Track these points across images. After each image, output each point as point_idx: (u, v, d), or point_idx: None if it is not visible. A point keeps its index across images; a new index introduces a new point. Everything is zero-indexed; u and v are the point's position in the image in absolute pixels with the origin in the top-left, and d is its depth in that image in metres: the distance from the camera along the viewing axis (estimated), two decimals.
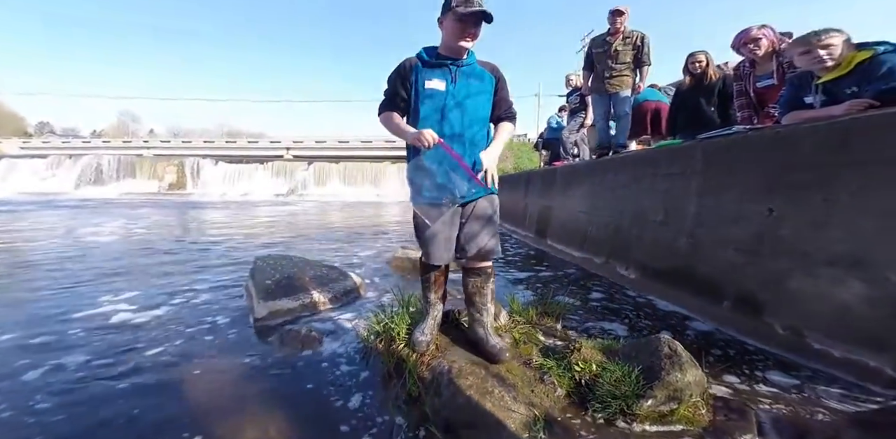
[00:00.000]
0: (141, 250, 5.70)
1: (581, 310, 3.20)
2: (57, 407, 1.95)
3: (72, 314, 3.16)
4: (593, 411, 1.87)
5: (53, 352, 2.50)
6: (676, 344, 1.96)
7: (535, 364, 2.13)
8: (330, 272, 3.96)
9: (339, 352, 2.54)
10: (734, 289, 2.84)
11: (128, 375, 2.25)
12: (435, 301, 2.30)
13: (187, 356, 2.49)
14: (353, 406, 2.02)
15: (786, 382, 2.16)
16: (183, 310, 3.29)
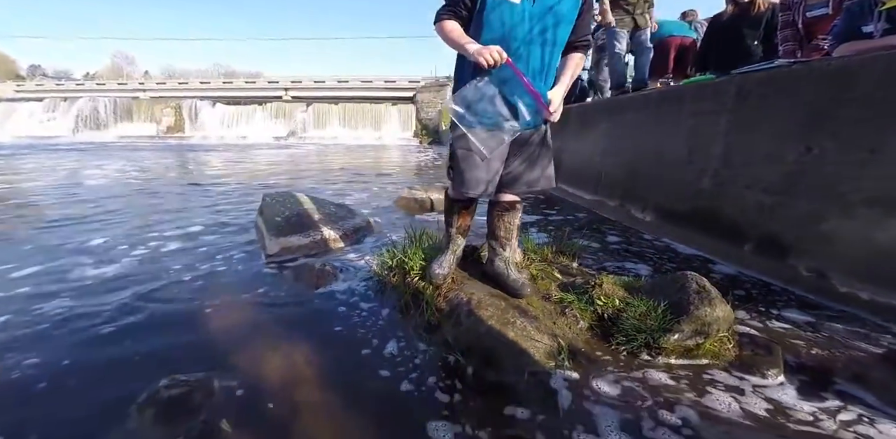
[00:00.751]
0: (145, 191, 5.57)
1: (597, 252, 3.15)
2: (76, 340, 1.92)
3: (83, 251, 3.10)
4: (617, 344, 1.85)
5: (69, 289, 2.46)
6: (704, 281, 1.90)
7: (556, 298, 2.09)
8: (339, 210, 3.87)
9: (355, 286, 2.51)
10: (758, 231, 2.76)
11: (144, 310, 2.21)
12: (457, 235, 2.20)
13: (203, 291, 2.45)
14: (374, 334, 2.00)
15: (810, 322, 2.13)
16: (194, 248, 3.24)
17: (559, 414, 1.48)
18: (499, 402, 1.54)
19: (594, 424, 1.43)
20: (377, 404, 1.54)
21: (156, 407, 1.45)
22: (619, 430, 1.40)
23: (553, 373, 1.68)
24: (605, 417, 1.46)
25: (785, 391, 1.63)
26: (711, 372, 1.72)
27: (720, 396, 1.58)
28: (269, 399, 1.54)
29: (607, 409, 1.50)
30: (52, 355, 1.78)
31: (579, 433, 1.38)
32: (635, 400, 1.55)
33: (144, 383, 1.58)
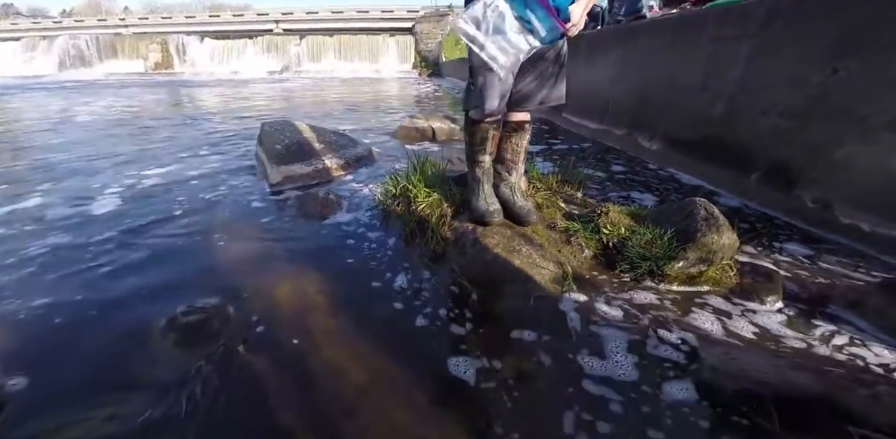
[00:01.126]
0: (138, 126, 5.24)
1: (602, 181, 3.06)
2: (86, 275, 1.87)
3: (81, 186, 2.98)
4: (621, 271, 1.82)
5: (71, 225, 2.37)
6: (713, 207, 1.82)
7: (561, 227, 2.03)
8: (339, 139, 3.70)
9: (359, 215, 2.44)
10: (767, 159, 2.63)
11: (151, 242, 2.15)
12: (488, 163, 1.99)
13: (209, 222, 2.38)
14: (381, 263, 1.97)
15: (810, 254, 2.09)
16: (195, 178, 3.12)
17: (565, 337, 1.48)
18: (505, 327, 1.53)
19: (600, 346, 1.42)
20: (387, 330, 1.53)
21: (177, 333, 1.45)
22: (623, 352, 1.40)
23: (559, 299, 1.66)
24: (609, 340, 1.46)
25: (783, 316, 1.63)
26: (712, 299, 1.71)
27: (720, 321, 1.58)
28: (283, 326, 1.53)
29: (612, 332, 1.49)
30: (64, 291, 1.74)
31: (585, 355, 1.38)
32: (638, 324, 1.54)
33: (162, 311, 1.57)
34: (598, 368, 1.33)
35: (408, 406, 1.21)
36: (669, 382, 1.28)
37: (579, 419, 1.16)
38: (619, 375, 1.30)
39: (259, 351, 1.40)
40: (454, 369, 1.34)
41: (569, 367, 1.34)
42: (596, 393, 1.24)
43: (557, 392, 1.26)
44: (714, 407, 1.19)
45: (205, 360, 1.33)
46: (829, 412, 1.15)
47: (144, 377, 1.29)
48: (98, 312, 1.61)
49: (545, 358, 1.37)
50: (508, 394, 1.24)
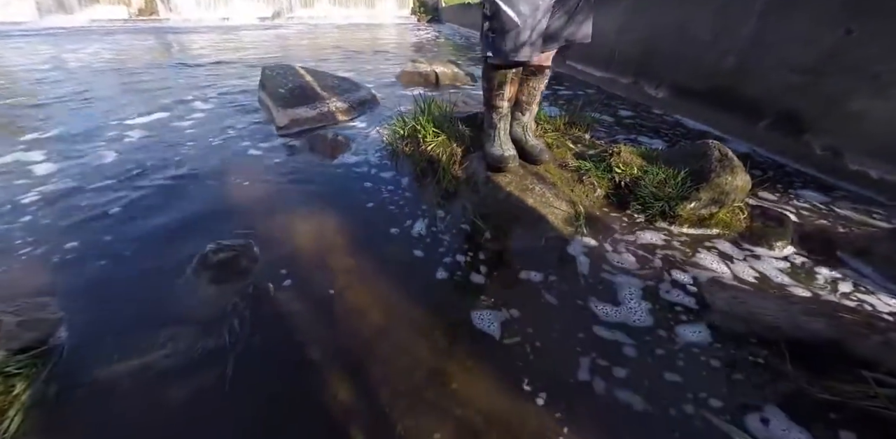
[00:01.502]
0: (131, 73, 4.78)
1: (608, 125, 2.96)
2: (108, 220, 1.80)
3: (87, 134, 2.78)
4: (632, 211, 1.79)
5: (81, 173, 2.23)
6: (727, 149, 1.77)
7: (572, 166, 1.98)
8: (342, 82, 3.52)
9: (369, 156, 2.36)
10: (776, 109, 2.54)
11: (167, 186, 2.07)
12: (506, 109, 1.87)
13: (222, 164, 2.28)
14: (394, 201, 1.93)
15: (819, 199, 2.07)
16: (202, 123, 2.95)
17: (578, 279, 1.47)
18: (518, 268, 1.52)
19: (612, 290, 1.42)
20: (403, 269, 1.52)
21: (210, 271, 1.44)
22: (635, 296, 1.40)
23: (572, 239, 1.64)
24: (621, 283, 1.45)
25: (792, 261, 1.63)
26: (722, 242, 1.69)
27: (729, 264, 1.57)
28: (306, 265, 1.52)
29: (624, 275, 1.49)
30: (91, 234, 1.69)
31: (597, 298, 1.38)
32: (650, 267, 1.53)
33: (190, 250, 1.54)
34: (611, 313, 1.32)
35: (425, 343, 1.22)
36: (682, 325, 1.29)
37: (592, 362, 1.17)
38: (633, 321, 1.30)
39: (286, 289, 1.40)
40: (469, 309, 1.34)
41: (581, 310, 1.34)
42: (609, 337, 1.24)
43: (570, 334, 1.26)
44: (726, 349, 1.21)
45: (238, 298, 1.34)
46: (841, 355, 1.14)
47: (187, 314, 1.29)
48: (130, 253, 1.58)
49: (558, 301, 1.37)
50: (523, 335, 1.25)
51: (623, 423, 1.01)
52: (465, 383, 1.10)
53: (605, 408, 1.05)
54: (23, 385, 1.02)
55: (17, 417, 0.96)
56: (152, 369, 1.11)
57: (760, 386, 1.10)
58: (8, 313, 1.19)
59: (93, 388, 1.06)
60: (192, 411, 1.02)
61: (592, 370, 1.15)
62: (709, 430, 0.99)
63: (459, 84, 4.05)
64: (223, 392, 1.06)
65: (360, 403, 1.04)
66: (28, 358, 1.08)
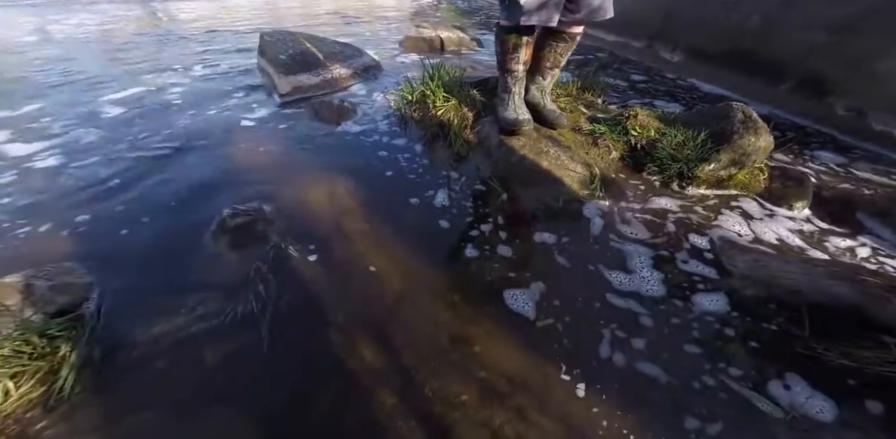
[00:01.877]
0: (121, 43, 4.40)
1: (622, 89, 2.86)
2: (115, 190, 1.75)
3: (84, 104, 2.65)
4: (648, 173, 1.75)
5: (91, 141, 2.15)
6: (751, 110, 1.70)
7: (586, 129, 1.91)
8: (344, 48, 3.39)
9: (377, 122, 2.29)
10: (800, 70, 2.44)
11: (173, 153, 2.01)
12: (521, 73, 1.78)
13: (226, 132, 2.21)
14: (406, 166, 1.88)
15: (838, 160, 2.02)
16: (201, 92, 2.82)
17: (594, 243, 1.44)
18: (535, 231, 1.49)
19: (628, 254, 1.40)
20: (419, 233, 1.50)
21: (228, 235, 1.43)
22: (651, 259, 1.38)
23: (588, 202, 1.61)
24: (638, 247, 1.43)
25: (810, 223, 1.59)
26: (740, 203, 1.66)
27: (748, 226, 1.54)
28: (323, 229, 1.50)
29: (641, 239, 1.46)
30: (106, 203, 1.65)
31: (612, 263, 1.37)
32: (667, 230, 1.51)
33: (207, 216, 1.53)
34: (625, 280, 1.30)
35: (445, 306, 1.22)
36: (700, 292, 1.27)
37: (611, 330, 1.16)
38: (647, 290, 1.28)
39: (305, 253, 1.39)
40: (487, 272, 1.33)
41: (596, 276, 1.32)
42: (623, 305, 1.23)
43: (590, 299, 1.25)
44: (744, 315, 1.19)
45: (260, 262, 1.33)
46: (862, 320, 1.12)
47: (212, 278, 1.29)
48: (148, 220, 1.56)
49: (575, 266, 1.35)
50: (542, 300, 1.24)
51: (645, 391, 1.01)
52: (488, 346, 1.10)
53: (626, 376, 1.04)
54: (67, 347, 1.03)
55: (70, 377, 0.98)
56: (187, 332, 1.12)
57: (781, 352, 1.09)
58: (38, 278, 1.19)
59: (134, 350, 1.08)
60: (229, 372, 1.03)
61: (612, 337, 1.14)
62: (731, 398, 0.99)
63: (465, 49, 3.90)
64: (258, 354, 1.07)
65: (388, 366, 1.05)
66: (67, 322, 1.09)
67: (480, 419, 0.93)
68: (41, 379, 0.98)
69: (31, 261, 1.30)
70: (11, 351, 0.99)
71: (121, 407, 0.96)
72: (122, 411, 0.95)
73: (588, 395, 0.99)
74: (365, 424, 0.93)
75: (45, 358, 1.01)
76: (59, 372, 0.99)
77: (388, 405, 0.96)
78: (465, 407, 0.96)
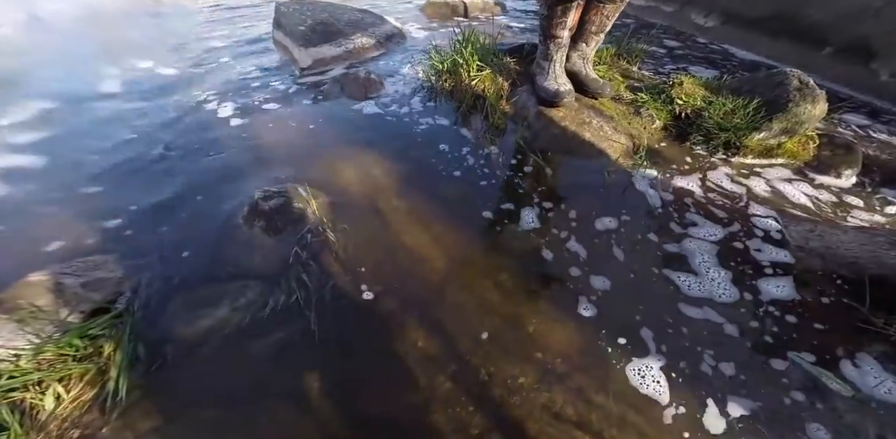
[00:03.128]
0: (124, 19, 4.17)
1: (658, 56, 2.72)
2: (143, 170, 1.70)
3: (97, 82, 2.58)
4: (693, 143, 1.69)
5: (107, 121, 2.09)
6: (808, 78, 1.61)
7: (628, 98, 1.84)
8: (365, 16, 3.25)
9: (406, 92, 2.21)
10: (847, 35, 2.31)
11: (197, 131, 1.95)
12: (566, 39, 1.66)
13: (250, 109, 2.13)
14: (441, 140, 1.82)
15: (883, 128, 1.93)
16: (219, 67, 2.71)
17: (644, 218, 1.40)
18: (583, 205, 1.45)
19: (682, 226, 1.36)
20: (460, 210, 1.44)
21: (262, 219, 1.35)
22: (702, 235, 1.34)
23: (634, 174, 1.55)
24: (691, 219, 1.39)
25: (862, 190, 1.54)
26: (789, 172, 1.60)
27: (799, 195, 1.49)
28: (359, 209, 1.44)
29: (692, 212, 1.42)
30: (125, 191, 1.58)
31: (667, 243, 1.32)
32: (717, 202, 1.46)
33: (236, 198, 1.46)
34: (679, 257, 1.26)
35: (493, 286, 1.18)
36: (755, 265, 1.24)
37: (670, 307, 1.14)
38: (700, 264, 1.25)
39: (343, 236, 1.34)
40: (535, 250, 1.30)
41: (650, 255, 1.28)
42: (683, 280, 1.20)
43: (645, 277, 1.23)
44: (801, 288, 1.16)
45: (298, 246, 1.28)
46: None
47: (249, 265, 1.24)
48: (173, 205, 1.50)
49: (626, 245, 1.31)
50: (595, 279, 1.21)
51: (713, 376, 0.99)
52: (541, 328, 1.08)
53: (691, 356, 1.02)
54: (110, 346, 1.00)
55: (121, 378, 0.95)
56: (231, 324, 1.08)
57: (840, 327, 1.07)
58: (67, 274, 1.13)
59: (179, 345, 1.04)
60: (280, 363, 1.01)
61: (670, 316, 1.11)
62: (795, 375, 0.97)
63: (490, 14, 3.73)
64: (308, 344, 1.04)
65: (440, 351, 1.03)
66: (108, 320, 1.05)
67: (541, 402, 0.93)
68: (90, 381, 0.95)
69: (57, 255, 1.25)
70: (55, 355, 0.96)
71: (176, 405, 0.93)
72: (177, 410, 0.92)
73: (645, 376, 0.98)
74: (421, 411, 0.91)
75: (90, 359, 0.98)
76: (107, 374, 0.95)
77: (444, 390, 0.95)
78: (524, 390, 0.95)
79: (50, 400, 0.91)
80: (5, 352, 0.94)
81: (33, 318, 0.99)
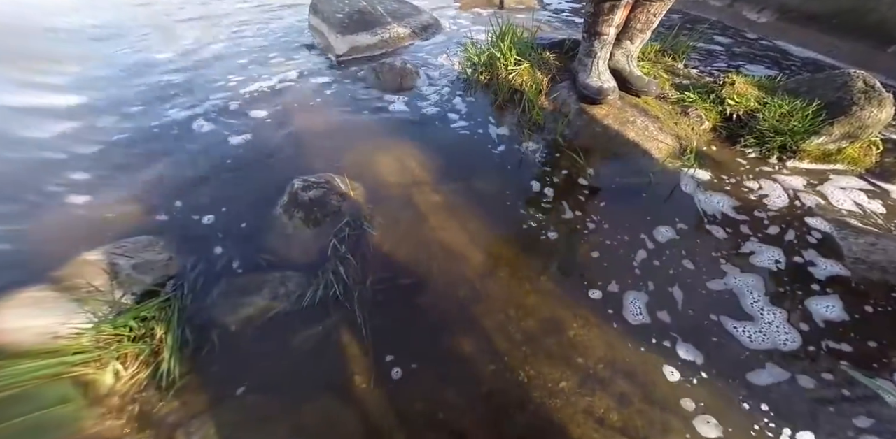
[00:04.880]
0: (165, 6, 4.03)
1: (704, 53, 2.60)
2: (183, 158, 1.69)
3: (137, 67, 2.58)
4: (744, 146, 1.60)
5: (145, 107, 2.08)
6: (874, 80, 1.50)
7: (673, 98, 1.76)
8: (402, 6, 3.21)
9: (441, 84, 2.18)
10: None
11: (231, 124, 1.91)
12: (612, 36, 1.60)
13: (287, 96, 2.12)
14: (477, 135, 1.79)
15: None
16: (251, 55, 2.67)
17: (693, 224, 1.34)
18: (624, 207, 1.41)
19: (728, 238, 1.29)
20: (497, 208, 1.42)
21: (301, 210, 1.35)
22: (754, 244, 1.27)
23: (682, 178, 1.49)
24: (743, 229, 1.32)
25: None
26: (849, 179, 1.51)
27: (860, 205, 1.40)
28: (395, 202, 1.43)
29: (741, 217, 1.35)
30: (168, 172, 1.60)
31: (716, 253, 1.26)
32: (771, 206, 1.39)
33: (276, 187, 1.46)
34: (731, 269, 1.20)
35: (532, 289, 1.16)
36: (812, 276, 1.18)
37: (721, 318, 1.10)
38: (754, 275, 1.19)
39: (381, 229, 1.33)
40: (575, 253, 1.26)
41: (697, 262, 1.23)
42: (728, 298, 1.15)
43: (694, 284, 1.18)
44: (860, 302, 1.10)
45: (336, 239, 1.27)
46: None
47: (289, 255, 1.25)
48: (217, 187, 1.51)
49: (671, 253, 1.26)
50: (638, 284, 1.17)
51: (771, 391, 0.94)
52: (582, 332, 1.06)
53: (742, 369, 0.98)
54: (161, 329, 1.03)
55: (173, 359, 0.98)
56: (273, 313, 1.10)
57: None
58: (119, 255, 1.16)
59: (224, 331, 1.07)
60: (318, 355, 1.02)
61: (724, 326, 1.07)
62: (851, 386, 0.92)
63: (526, 7, 3.63)
64: (345, 338, 1.04)
65: (480, 352, 1.01)
66: (158, 303, 1.08)
67: (582, 406, 0.90)
68: (144, 361, 0.99)
69: (107, 235, 1.28)
70: (111, 335, 1.00)
71: (223, 389, 0.96)
72: (224, 393, 0.95)
73: (687, 385, 0.95)
74: (462, 408, 0.91)
75: (142, 340, 1.01)
76: (160, 354, 0.99)
77: (485, 389, 0.94)
78: (565, 394, 0.93)
79: (110, 377, 0.95)
80: (67, 330, 0.97)
81: (91, 298, 1.02)
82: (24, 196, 1.48)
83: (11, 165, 1.66)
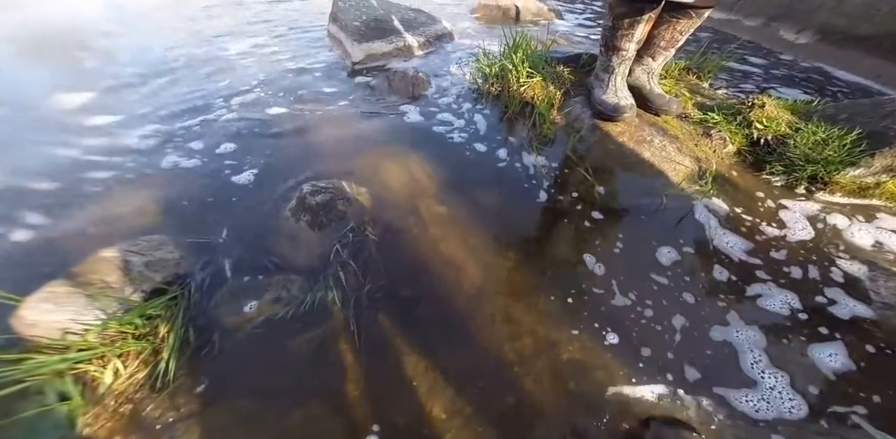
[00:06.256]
0: (190, 12, 3.99)
1: (733, 73, 2.49)
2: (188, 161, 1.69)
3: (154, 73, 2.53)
4: (769, 173, 1.48)
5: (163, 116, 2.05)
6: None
7: (696, 118, 1.65)
8: (417, 15, 3.21)
9: (452, 94, 2.13)
10: None
11: (245, 128, 1.91)
12: (631, 52, 1.52)
13: (300, 102, 2.12)
14: (484, 145, 1.73)
15: None
16: (271, 58, 2.72)
17: (705, 256, 1.24)
18: (634, 232, 1.31)
19: (744, 275, 1.19)
20: (501, 220, 1.37)
21: (308, 214, 1.36)
22: (772, 283, 1.16)
23: (697, 204, 1.38)
24: (756, 265, 1.21)
25: None
26: (885, 217, 1.37)
27: (892, 244, 1.27)
28: (399, 211, 1.41)
29: (761, 251, 1.24)
30: (182, 173, 1.63)
31: (729, 290, 1.16)
32: (793, 242, 1.27)
33: (283, 191, 1.49)
34: (746, 308, 1.11)
35: (528, 308, 1.11)
36: (837, 320, 1.07)
37: (728, 344, 1.02)
38: (768, 317, 1.09)
39: (384, 237, 1.32)
40: (575, 273, 1.19)
41: (700, 295, 1.14)
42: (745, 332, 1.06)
43: (702, 318, 1.09)
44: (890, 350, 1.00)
45: (339, 244, 1.27)
46: None
47: (292, 259, 1.25)
48: (227, 190, 1.52)
49: (676, 279, 1.17)
50: (639, 316, 1.09)
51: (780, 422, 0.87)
52: (576, 356, 1.00)
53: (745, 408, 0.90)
54: (165, 328, 1.03)
55: (172, 359, 0.98)
56: (273, 316, 1.10)
57: None
58: (133, 253, 1.17)
59: (224, 333, 1.06)
60: (314, 361, 1.01)
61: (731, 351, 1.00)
62: None
63: (543, 20, 3.59)
64: (341, 344, 1.04)
65: (470, 368, 0.99)
66: (164, 301, 1.08)
67: None
68: (144, 360, 0.98)
69: (121, 231, 1.31)
70: (116, 332, 1.00)
71: (216, 392, 0.95)
72: (217, 396, 0.94)
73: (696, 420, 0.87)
74: (446, 422, 0.89)
75: (146, 338, 1.01)
76: (160, 354, 0.99)
77: (472, 407, 0.91)
78: (550, 417, 0.89)
79: (109, 375, 0.95)
80: (76, 326, 0.98)
81: (102, 295, 1.02)
82: (57, 192, 1.54)
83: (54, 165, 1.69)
